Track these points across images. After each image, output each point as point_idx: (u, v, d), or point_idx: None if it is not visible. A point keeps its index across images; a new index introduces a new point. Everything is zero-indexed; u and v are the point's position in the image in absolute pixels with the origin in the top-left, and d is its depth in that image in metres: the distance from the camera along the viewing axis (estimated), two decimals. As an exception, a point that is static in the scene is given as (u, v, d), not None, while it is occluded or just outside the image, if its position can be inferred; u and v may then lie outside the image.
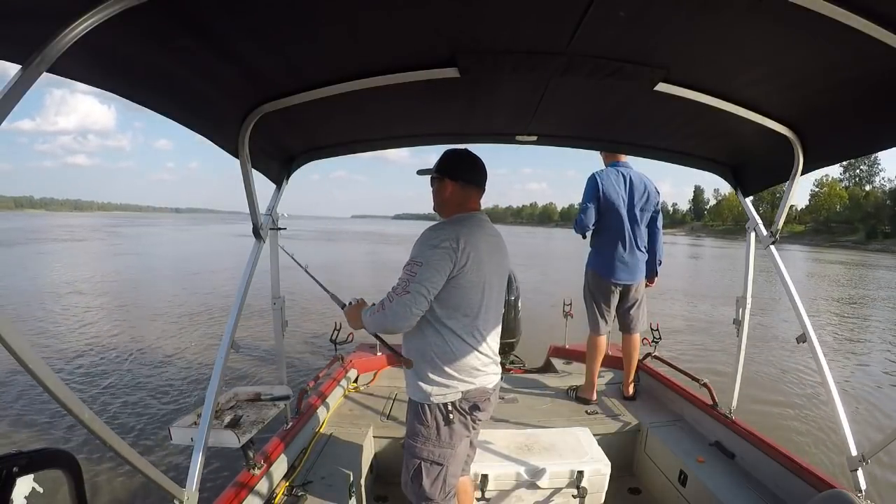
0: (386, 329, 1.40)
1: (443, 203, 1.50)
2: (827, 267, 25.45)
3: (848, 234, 69.11)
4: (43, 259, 18.10)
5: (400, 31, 1.12)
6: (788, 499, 1.76)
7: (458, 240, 1.35)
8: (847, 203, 77.35)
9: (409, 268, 1.34)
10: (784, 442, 2.02)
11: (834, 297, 13.34)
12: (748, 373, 2.75)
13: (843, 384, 5.50)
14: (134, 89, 1.12)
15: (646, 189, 2.74)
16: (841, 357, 6.80)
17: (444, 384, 1.41)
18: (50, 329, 7.29)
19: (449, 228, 1.39)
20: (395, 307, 1.32)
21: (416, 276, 1.31)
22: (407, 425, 1.53)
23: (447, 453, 1.44)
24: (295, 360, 5.66)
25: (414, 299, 1.30)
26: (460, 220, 1.45)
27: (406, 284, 1.32)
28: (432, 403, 1.42)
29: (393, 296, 1.33)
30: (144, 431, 3.94)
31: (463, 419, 1.44)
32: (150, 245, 28.45)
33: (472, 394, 1.44)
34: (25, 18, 0.76)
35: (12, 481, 0.68)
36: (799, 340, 1.72)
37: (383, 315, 1.35)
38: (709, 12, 0.97)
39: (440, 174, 1.48)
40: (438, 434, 1.42)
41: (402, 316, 1.32)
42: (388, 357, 3.24)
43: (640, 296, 2.84)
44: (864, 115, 1.30)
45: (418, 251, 1.36)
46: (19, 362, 0.75)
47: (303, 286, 11.52)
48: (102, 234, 37.55)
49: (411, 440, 1.47)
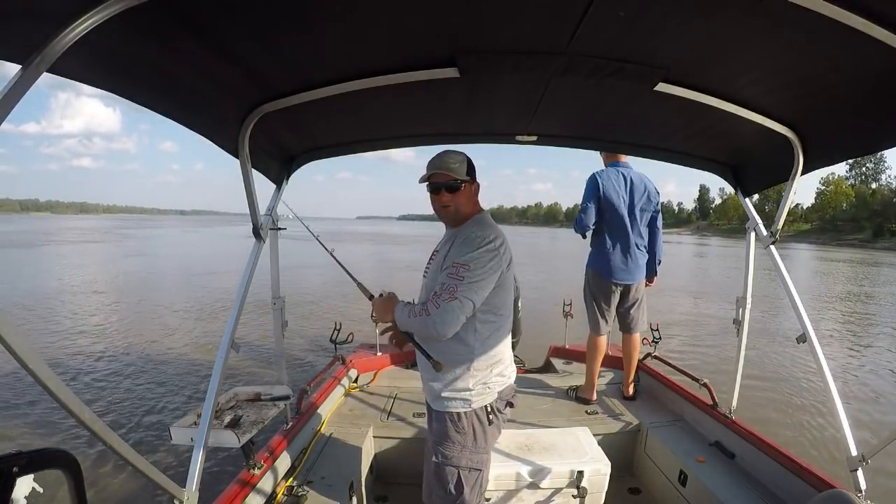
0: (428, 334, 1.30)
1: (470, 205, 1.43)
2: (834, 266, 25.22)
3: (854, 232, 68.57)
4: (63, 260, 18.99)
5: (400, 31, 1.12)
6: (788, 499, 1.76)
7: (502, 241, 1.33)
8: (853, 201, 76.80)
9: (455, 271, 1.26)
10: (791, 443, 2.02)
11: (841, 295, 13.31)
12: (753, 372, 2.74)
13: (853, 382, 5.51)
14: (134, 89, 1.12)
15: (646, 189, 2.75)
16: (850, 355, 6.79)
17: (483, 387, 1.36)
18: (68, 327, 7.49)
19: (490, 229, 1.34)
20: (443, 314, 1.23)
21: (465, 281, 1.24)
22: (433, 436, 1.43)
23: (484, 458, 1.40)
24: (295, 360, 5.66)
25: (462, 306, 1.24)
26: (489, 219, 1.41)
27: (454, 289, 1.24)
28: (469, 410, 1.36)
29: (439, 301, 1.24)
30: (145, 429, 3.94)
31: (497, 419, 1.41)
32: (162, 246, 28.97)
33: (505, 391, 1.43)
34: (25, 18, 0.76)
35: (12, 481, 0.68)
36: (799, 340, 1.72)
37: (429, 320, 1.25)
38: (709, 12, 0.97)
39: (472, 179, 1.41)
40: (475, 440, 1.37)
41: (450, 323, 1.24)
42: (388, 357, 3.24)
43: (640, 296, 2.84)
44: (863, 115, 1.30)
45: (467, 255, 1.27)
46: (19, 362, 0.75)
47: (303, 286, 11.47)
48: (114, 237, 38.73)
49: (445, 450, 1.37)
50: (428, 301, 1.27)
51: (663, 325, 3.16)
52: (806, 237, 71.32)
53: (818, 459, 3.41)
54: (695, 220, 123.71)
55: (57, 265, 16.78)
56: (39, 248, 24.84)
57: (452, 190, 1.37)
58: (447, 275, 1.27)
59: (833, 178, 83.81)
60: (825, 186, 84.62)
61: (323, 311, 8.76)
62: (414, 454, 2.35)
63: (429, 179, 1.38)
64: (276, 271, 2.02)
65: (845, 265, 25.55)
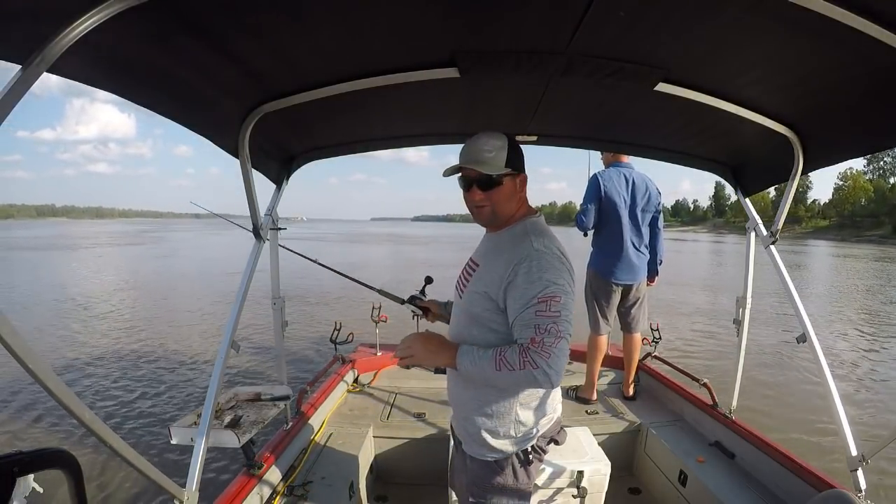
0: (532, 388, 1.10)
1: (513, 204, 1.16)
2: (854, 262, 24.24)
3: (874, 228, 67.30)
4: (102, 261, 20.92)
5: (400, 31, 1.12)
6: (788, 499, 1.76)
7: (567, 256, 1.09)
8: (872, 196, 75.58)
9: (546, 305, 0.99)
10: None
11: (862, 289, 13.23)
12: (752, 371, 2.73)
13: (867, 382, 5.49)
14: (134, 89, 1.12)
15: (647, 190, 2.75)
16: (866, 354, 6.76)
17: (526, 429, 1.17)
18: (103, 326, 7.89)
19: (552, 238, 1.11)
20: (555, 363, 0.97)
21: (562, 317, 1.00)
22: (468, 476, 1.25)
23: (527, 493, 1.23)
24: (295, 360, 5.66)
25: (567, 345, 1.00)
26: (544, 224, 1.17)
27: (557, 328, 0.99)
28: (510, 456, 1.18)
29: (547, 348, 0.97)
30: (147, 428, 3.94)
31: (539, 457, 1.23)
32: (193, 248, 30.02)
33: (551, 429, 1.23)
34: (25, 18, 0.76)
35: (12, 481, 0.68)
36: (799, 340, 1.73)
37: (538, 374, 0.97)
38: (708, 12, 0.97)
39: (517, 170, 1.14)
40: (517, 478, 1.20)
41: (563, 371, 1.00)
42: (389, 357, 3.23)
43: (641, 295, 2.84)
44: (863, 114, 1.30)
45: (551, 277, 1.02)
46: (19, 362, 0.75)
47: (302, 286, 11.47)
48: (143, 239, 40.96)
49: (484, 491, 1.21)
50: (525, 348, 0.99)
51: (678, 318, 3.16)
52: (824, 234, 70.21)
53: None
54: (711, 218, 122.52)
55: (107, 265, 18.64)
56: (86, 251, 26.66)
57: (487, 187, 1.11)
58: (536, 313, 0.99)
59: (851, 174, 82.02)
60: (843, 182, 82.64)
61: (323, 311, 8.77)
62: (414, 454, 2.35)
63: (459, 171, 1.14)
64: (276, 271, 2.03)
65: (863, 262, 24.62)
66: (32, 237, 44.06)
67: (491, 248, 1.19)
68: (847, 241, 57.68)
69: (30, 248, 27.41)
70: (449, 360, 1.09)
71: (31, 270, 16.36)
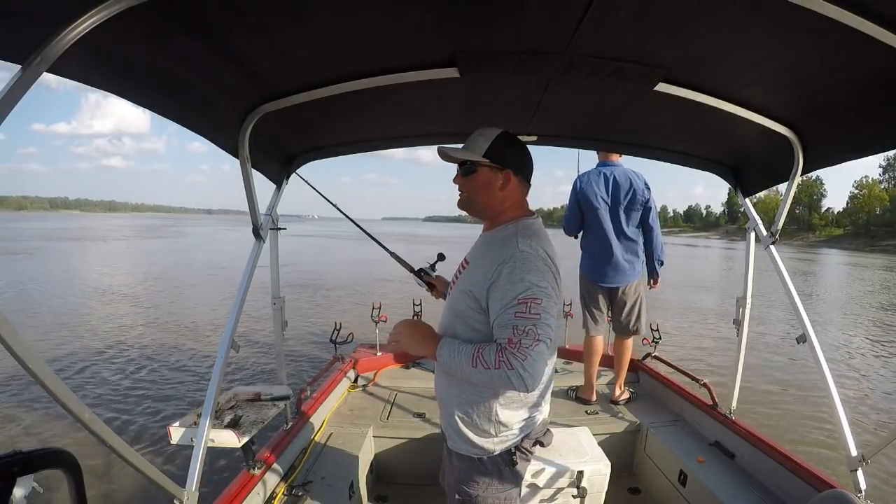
0: (506, 389, 1.08)
1: (493, 200, 1.14)
2: (867, 272, 23.83)
3: (889, 237, 65.89)
4: (131, 252, 22.81)
5: (400, 31, 1.12)
6: (788, 499, 1.76)
7: (555, 259, 1.09)
8: (888, 205, 74.68)
9: (526, 307, 0.99)
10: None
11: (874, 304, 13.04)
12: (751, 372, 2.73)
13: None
14: (134, 90, 1.12)
15: (631, 186, 2.67)
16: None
17: (507, 429, 1.16)
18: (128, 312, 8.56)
19: (538, 239, 1.09)
20: (533, 365, 0.97)
21: (542, 319, 0.99)
22: (455, 473, 1.25)
23: (514, 492, 1.22)
24: (295, 360, 5.66)
25: (547, 349, 1.00)
26: (538, 226, 1.15)
27: (535, 331, 0.98)
28: (494, 455, 1.18)
29: (524, 351, 0.97)
30: (146, 429, 3.94)
31: (525, 458, 1.21)
32: (211, 243, 31.44)
33: (537, 430, 1.22)
34: (25, 18, 0.76)
35: (12, 481, 0.68)
36: (799, 341, 1.72)
37: (512, 374, 0.97)
38: (708, 12, 0.97)
39: (500, 164, 1.11)
40: (501, 478, 1.19)
41: (541, 375, 1.00)
42: (389, 357, 3.23)
43: (634, 298, 2.78)
44: (864, 115, 1.30)
45: (533, 279, 1.00)
46: (19, 362, 0.75)
47: (302, 287, 11.47)
48: (162, 233, 42.92)
49: (469, 490, 1.20)
50: (503, 348, 0.99)
51: (698, 317, 3.15)
52: (839, 242, 69.63)
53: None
54: (723, 224, 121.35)
55: (134, 257, 20.57)
56: (114, 243, 28.64)
57: (465, 173, 1.14)
58: (515, 314, 0.99)
59: (866, 182, 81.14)
60: (858, 190, 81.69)
61: (323, 311, 8.77)
62: (414, 454, 2.35)
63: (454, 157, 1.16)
64: (276, 271, 2.02)
65: (880, 272, 24.17)
66: (60, 229, 46.32)
67: (481, 247, 1.19)
68: (861, 249, 57.23)
69: (68, 239, 29.81)
70: (431, 350, 1.11)
71: (65, 260, 18.37)
